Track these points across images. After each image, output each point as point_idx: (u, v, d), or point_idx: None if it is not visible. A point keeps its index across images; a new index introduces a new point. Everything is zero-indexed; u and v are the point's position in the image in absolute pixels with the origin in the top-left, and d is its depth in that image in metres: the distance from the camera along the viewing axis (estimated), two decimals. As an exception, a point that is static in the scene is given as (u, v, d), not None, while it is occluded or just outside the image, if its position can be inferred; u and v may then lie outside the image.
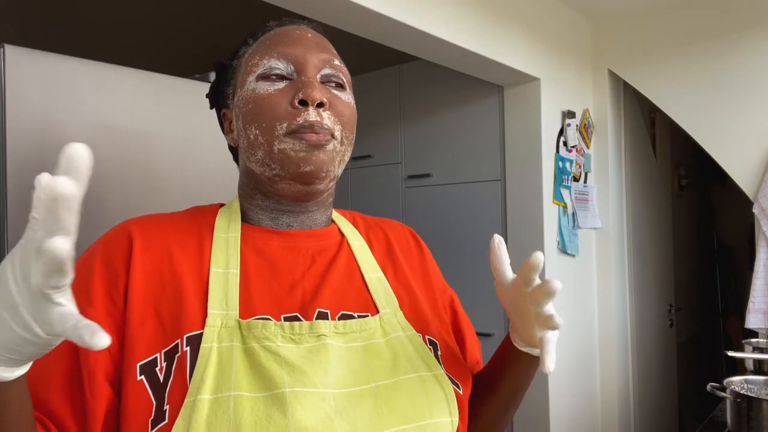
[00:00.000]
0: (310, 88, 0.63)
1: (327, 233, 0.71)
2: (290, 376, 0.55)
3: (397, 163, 2.71)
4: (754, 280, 2.17)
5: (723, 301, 4.14)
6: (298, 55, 0.65)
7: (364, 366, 0.60)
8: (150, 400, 0.54)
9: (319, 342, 0.59)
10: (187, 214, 0.69)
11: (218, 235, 0.65)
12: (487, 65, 2.06)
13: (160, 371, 0.55)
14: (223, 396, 0.53)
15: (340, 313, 0.64)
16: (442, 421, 0.61)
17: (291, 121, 0.62)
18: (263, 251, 0.66)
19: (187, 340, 0.56)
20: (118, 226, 0.65)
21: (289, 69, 0.65)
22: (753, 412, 1.38)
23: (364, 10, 1.52)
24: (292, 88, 0.64)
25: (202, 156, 1.24)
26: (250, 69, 0.66)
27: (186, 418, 0.52)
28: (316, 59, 0.66)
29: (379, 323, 0.65)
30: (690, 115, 2.36)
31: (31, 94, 1.00)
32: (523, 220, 2.29)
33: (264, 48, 0.67)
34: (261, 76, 0.65)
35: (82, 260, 0.62)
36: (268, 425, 0.52)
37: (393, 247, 0.77)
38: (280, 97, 0.63)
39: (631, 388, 2.68)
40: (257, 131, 0.64)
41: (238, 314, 0.59)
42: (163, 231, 0.64)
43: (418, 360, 0.64)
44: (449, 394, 0.63)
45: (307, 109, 0.62)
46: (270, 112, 0.63)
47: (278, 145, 0.63)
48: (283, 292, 0.63)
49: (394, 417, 0.58)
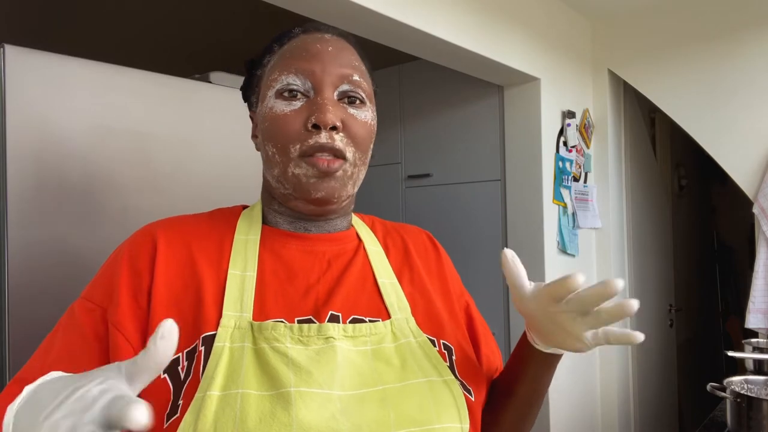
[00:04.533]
0: (324, 111, 0.63)
1: (345, 237, 0.72)
2: (296, 376, 0.56)
3: (397, 163, 2.71)
4: (754, 280, 2.17)
5: (723, 301, 4.14)
6: (316, 72, 0.65)
7: (372, 369, 0.61)
8: (169, 396, 0.56)
9: (327, 344, 0.60)
10: (209, 217, 0.71)
11: (238, 238, 0.67)
12: (487, 65, 2.06)
13: (182, 370, 0.57)
14: (231, 393, 0.54)
15: (351, 317, 0.64)
16: (451, 426, 0.60)
17: (303, 143, 0.63)
18: (281, 254, 0.67)
19: (203, 340, 0.58)
20: (143, 229, 0.67)
21: (307, 86, 0.65)
22: (753, 412, 1.38)
23: (364, 10, 1.52)
24: (307, 109, 0.64)
25: (202, 156, 1.24)
26: (270, 83, 0.67)
27: (195, 412, 0.53)
28: (334, 76, 0.66)
29: (390, 328, 0.65)
30: (690, 115, 2.36)
31: (31, 94, 1.00)
32: (523, 220, 2.29)
33: (284, 62, 0.67)
34: (279, 93, 0.65)
35: (110, 261, 0.65)
36: (271, 422, 0.53)
37: (410, 252, 0.77)
38: (296, 118, 0.64)
39: (631, 388, 2.68)
40: (274, 149, 0.65)
41: (252, 316, 0.61)
42: (186, 233, 0.66)
43: (428, 365, 0.64)
44: (459, 400, 0.63)
45: (319, 132, 0.63)
46: (285, 134, 0.64)
47: (292, 168, 0.64)
48: (298, 295, 0.64)
49: (401, 420, 0.58)
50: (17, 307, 0.97)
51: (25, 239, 0.98)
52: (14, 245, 0.97)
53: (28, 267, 0.99)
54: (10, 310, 0.96)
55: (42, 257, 1.00)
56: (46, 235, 1.01)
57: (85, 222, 1.05)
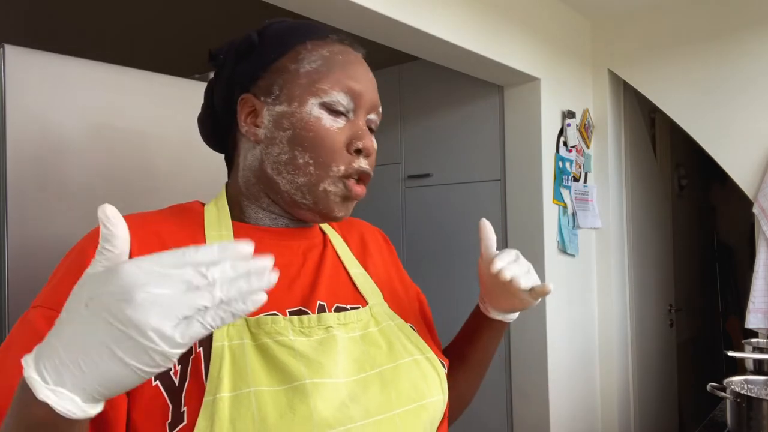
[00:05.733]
0: (369, 139, 0.66)
1: (311, 232, 0.73)
2: (307, 368, 0.57)
3: (396, 163, 2.71)
4: (754, 280, 2.17)
5: (723, 301, 4.14)
6: (362, 96, 0.67)
7: (364, 354, 0.63)
8: (166, 404, 0.53)
9: (327, 334, 0.62)
10: (172, 214, 0.67)
11: (211, 234, 0.65)
12: (487, 65, 2.06)
13: (175, 375, 0.55)
14: (243, 393, 0.53)
15: (335, 306, 0.66)
16: (437, 398, 0.67)
17: (348, 165, 0.65)
18: (258, 249, 0.65)
19: (199, 341, 0.56)
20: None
21: (350, 106, 0.66)
22: (753, 412, 1.38)
23: (364, 10, 1.52)
24: (349, 130, 0.66)
25: (202, 156, 1.24)
26: (315, 91, 0.65)
27: (208, 417, 0.52)
28: (370, 104, 0.69)
29: (370, 314, 0.69)
30: (690, 115, 2.36)
31: (31, 94, 1.00)
32: (523, 220, 2.29)
33: (334, 75, 0.66)
34: (325, 105, 0.65)
35: (70, 264, 0.58)
36: (292, 416, 0.53)
37: (367, 244, 0.81)
38: (340, 136, 0.65)
39: (631, 388, 2.68)
40: (310, 160, 0.64)
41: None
42: (156, 230, 0.62)
43: (410, 345, 0.69)
44: (441, 374, 0.69)
45: (359, 157, 0.66)
46: (330, 150, 0.64)
47: (327, 184, 0.65)
48: (284, 287, 0.64)
49: (400, 399, 0.62)
50: (17, 306, 0.97)
51: (25, 239, 0.98)
52: (14, 245, 0.97)
53: (28, 266, 0.99)
54: (10, 309, 0.96)
55: (42, 257, 1.00)
56: (46, 235, 1.01)
57: (85, 222, 1.05)
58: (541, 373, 2.24)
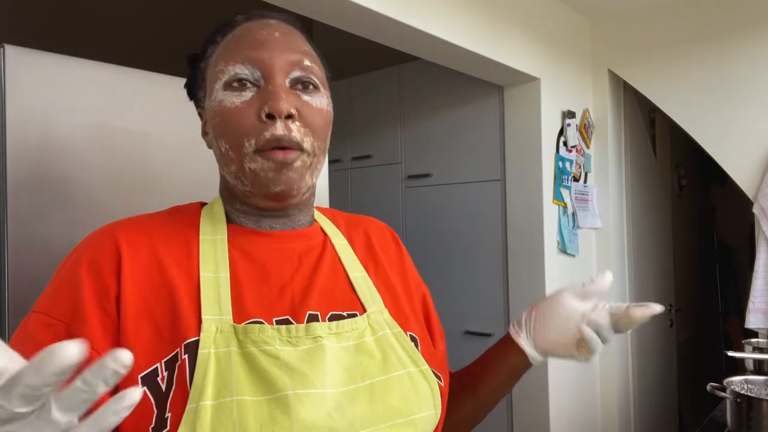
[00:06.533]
0: (277, 99, 0.60)
1: (311, 233, 0.71)
2: (291, 378, 0.55)
3: (396, 163, 2.71)
4: (754, 280, 2.17)
5: (723, 301, 4.14)
6: (264, 60, 0.62)
7: (357, 364, 0.61)
8: (152, 409, 0.53)
9: (315, 343, 0.59)
10: (168, 216, 0.66)
11: (204, 238, 0.64)
12: (487, 65, 2.06)
13: (162, 380, 0.54)
14: (226, 401, 0.53)
15: (329, 314, 0.64)
16: (428, 414, 0.64)
17: (258, 137, 0.60)
18: (251, 253, 0.65)
19: (185, 348, 0.56)
20: (100, 231, 0.62)
21: (256, 75, 0.62)
22: (753, 412, 1.38)
23: (364, 10, 1.52)
24: (259, 99, 0.61)
25: (202, 156, 1.24)
26: (216, 75, 0.64)
27: (190, 424, 0.52)
28: (284, 62, 0.63)
29: (367, 322, 0.66)
30: (690, 115, 2.36)
31: (31, 94, 1.00)
32: (523, 220, 2.29)
33: (229, 52, 0.64)
34: (227, 85, 0.62)
35: (66, 270, 0.59)
36: (273, 427, 0.53)
37: (373, 245, 0.77)
38: (247, 110, 0.61)
39: (631, 388, 2.68)
40: (227, 145, 0.62)
41: (232, 319, 0.58)
42: (148, 234, 0.62)
43: (405, 357, 0.66)
44: (434, 389, 0.66)
45: (274, 123, 0.60)
46: (237, 128, 0.61)
47: (248, 163, 0.61)
48: (273, 294, 0.63)
49: (388, 413, 0.60)
50: (17, 306, 0.97)
51: (25, 238, 0.98)
52: (14, 244, 0.97)
53: (28, 266, 0.98)
54: (10, 309, 0.96)
55: (42, 256, 1.00)
56: (46, 235, 1.01)
57: (85, 222, 1.05)
58: (541, 373, 2.24)
